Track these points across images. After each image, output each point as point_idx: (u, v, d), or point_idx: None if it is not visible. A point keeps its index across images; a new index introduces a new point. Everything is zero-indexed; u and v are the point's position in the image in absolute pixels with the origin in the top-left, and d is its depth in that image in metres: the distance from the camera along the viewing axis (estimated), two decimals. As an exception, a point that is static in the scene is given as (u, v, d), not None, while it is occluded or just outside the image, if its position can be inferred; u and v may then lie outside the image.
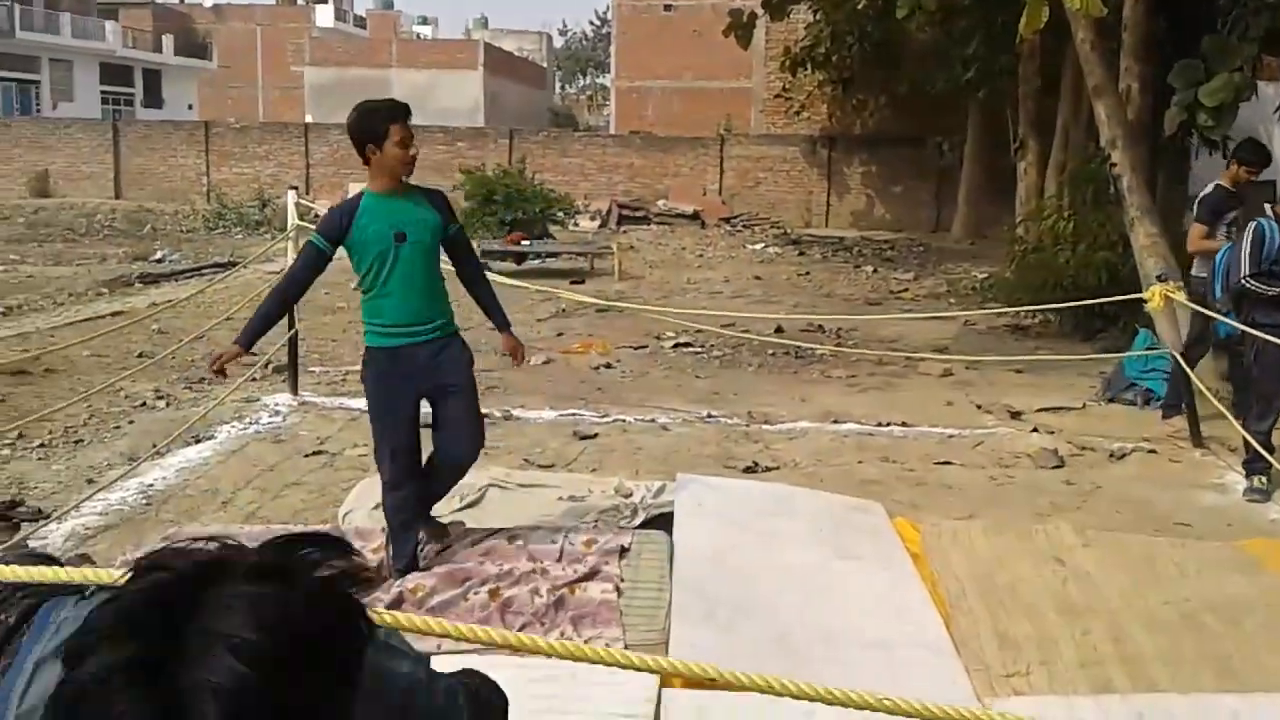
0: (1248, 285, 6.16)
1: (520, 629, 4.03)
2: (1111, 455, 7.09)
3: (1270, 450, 6.12)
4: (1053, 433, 7.63)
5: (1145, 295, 7.71)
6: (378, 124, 4.25)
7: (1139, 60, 10.83)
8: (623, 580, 4.46)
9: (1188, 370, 7.33)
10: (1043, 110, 18.37)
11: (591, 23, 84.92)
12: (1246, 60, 8.54)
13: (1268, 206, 7.26)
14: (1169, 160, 13.78)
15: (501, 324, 4.80)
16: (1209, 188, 7.97)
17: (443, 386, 4.49)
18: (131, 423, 7.31)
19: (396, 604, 4.17)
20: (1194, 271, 7.91)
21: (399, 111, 4.31)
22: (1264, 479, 6.19)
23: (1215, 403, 7.15)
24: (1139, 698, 3.73)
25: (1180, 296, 7.55)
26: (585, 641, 3.94)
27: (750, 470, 6.54)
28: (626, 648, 3.93)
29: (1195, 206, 7.93)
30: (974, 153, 24.70)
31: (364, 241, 4.29)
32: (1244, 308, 6.30)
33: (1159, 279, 7.88)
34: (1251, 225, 6.29)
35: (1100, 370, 9.41)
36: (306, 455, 6.67)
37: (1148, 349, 8.53)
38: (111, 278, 14.60)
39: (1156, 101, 10.45)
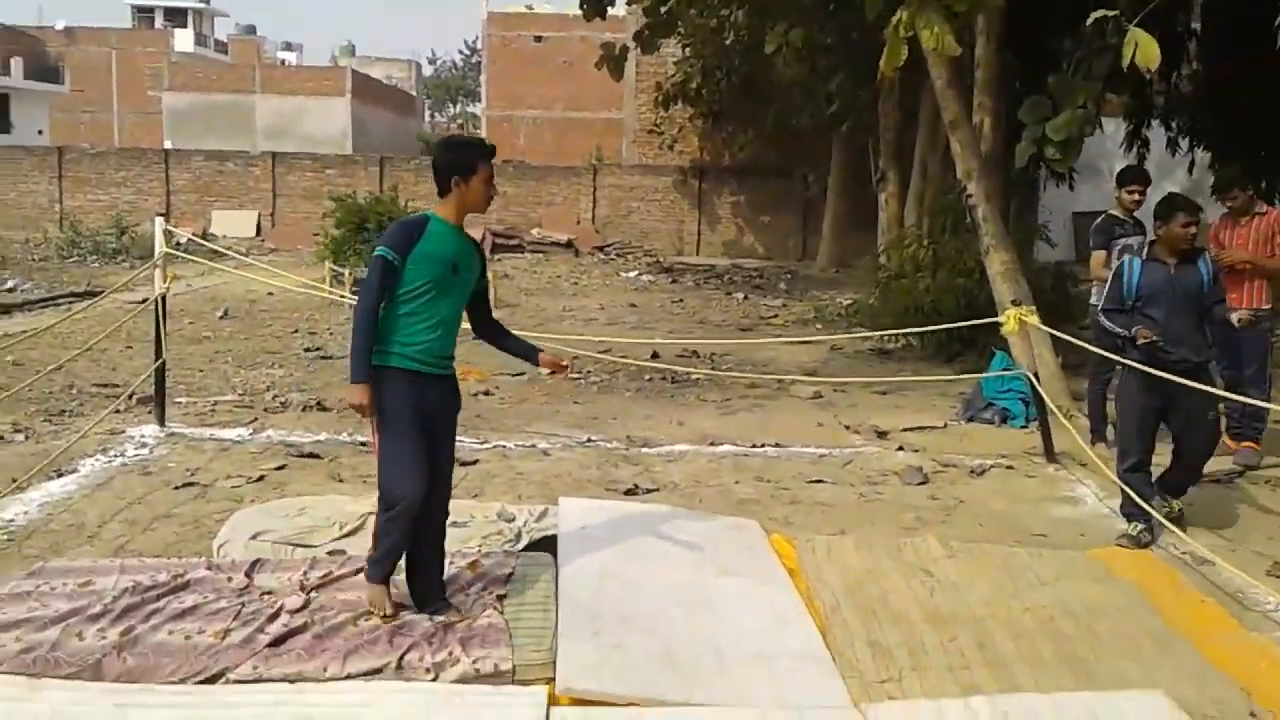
0: (1100, 320, 6.25)
1: (409, 651, 4.02)
2: (972, 471, 7.42)
3: (1148, 497, 5.91)
4: (917, 451, 7.94)
5: (1001, 319, 8.10)
6: (472, 159, 4.36)
7: (991, 96, 11.41)
8: (508, 601, 4.49)
9: (1039, 389, 7.72)
10: (902, 143, 19.10)
11: (461, 52, 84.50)
12: (1091, 97, 9.04)
13: (1143, 241, 7.62)
14: (1020, 191, 14.51)
15: (531, 351, 4.72)
16: (1101, 217, 8.18)
17: (445, 426, 4.49)
18: (-12, 457, 7.02)
19: (292, 633, 4.13)
20: (1093, 300, 7.98)
21: (490, 151, 4.44)
22: (1139, 526, 5.92)
23: (1065, 421, 7.54)
24: (1004, 698, 3.93)
25: (1033, 320, 7.95)
26: (474, 662, 3.96)
27: (631, 492, 6.64)
28: (515, 668, 3.97)
29: (1090, 235, 8.14)
30: (838, 184, 25.51)
31: (428, 260, 4.26)
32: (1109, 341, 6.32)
33: (1013, 303, 8.29)
34: (1119, 260, 6.38)
35: (960, 391, 9.82)
36: (176, 487, 6.50)
37: (1004, 370, 8.94)
38: (-41, 308, 13.94)
39: (1008, 135, 10.99)
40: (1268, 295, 7.65)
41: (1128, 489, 5.95)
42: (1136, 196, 7.90)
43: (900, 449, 7.99)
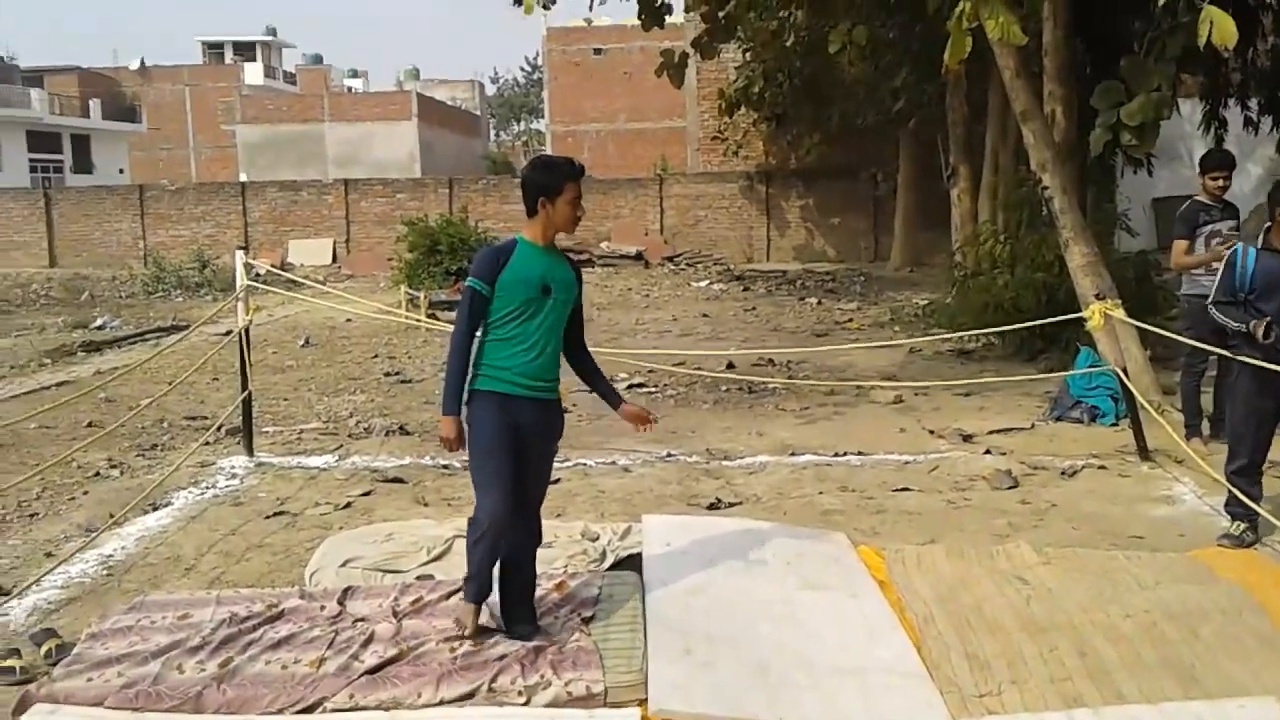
0: (1212, 314, 5.92)
1: (500, 675, 4.03)
2: (1063, 473, 7.25)
3: (1256, 497, 5.76)
4: (1005, 454, 7.78)
5: (1085, 314, 7.92)
6: (558, 179, 4.36)
7: (1061, 84, 11.17)
8: (596, 623, 4.48)
9: (1129, 385, 7.52)
10: (972, 137, 18.81)
11: (523, 69, 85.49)
12: (1165, 79, 8.81)
13: (1234, 225, 7.42)
14: (1097, 180, 14.19)
15: (613, 397, 4.71)
16: (1186, 203, 7.94)
17: (539, 453, 4.46)
18: (86, 493, 7.22)
19: (387, 662, 4.17)
20: (1183, 291, 7.86)
21: (577, 171, 4.43)
22: (1242, 525, 5.75)
23: (1158, 417, 7.34)
24: (1110, 710, 3.82)
25: (1119, 314, 7.75)
26: (565, 685, 3.96)
27: (714, 507, 6.61)
28: (606, 690, 3.96)
29: (1175, 222, 7.91)
30: (907, 182, 25.20)
31: (515, 283, 4.27)
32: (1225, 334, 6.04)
33: (1097, 297, 8.10)
34: (1230, 250, 6.03)
35: (1045, 390, 9.62)
36: (267, 517, 6.62)
37: (1090, 367, 8.74)
38: (53, 347, 14.37)
39: (1081, 123, 10.76)
40: None
41: (1234, 489, 5.75)
42: (1221, 182, 7.67)
43: (987, 452, 7.85)
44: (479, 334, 4.36)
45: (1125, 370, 7.76)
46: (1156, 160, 14.48)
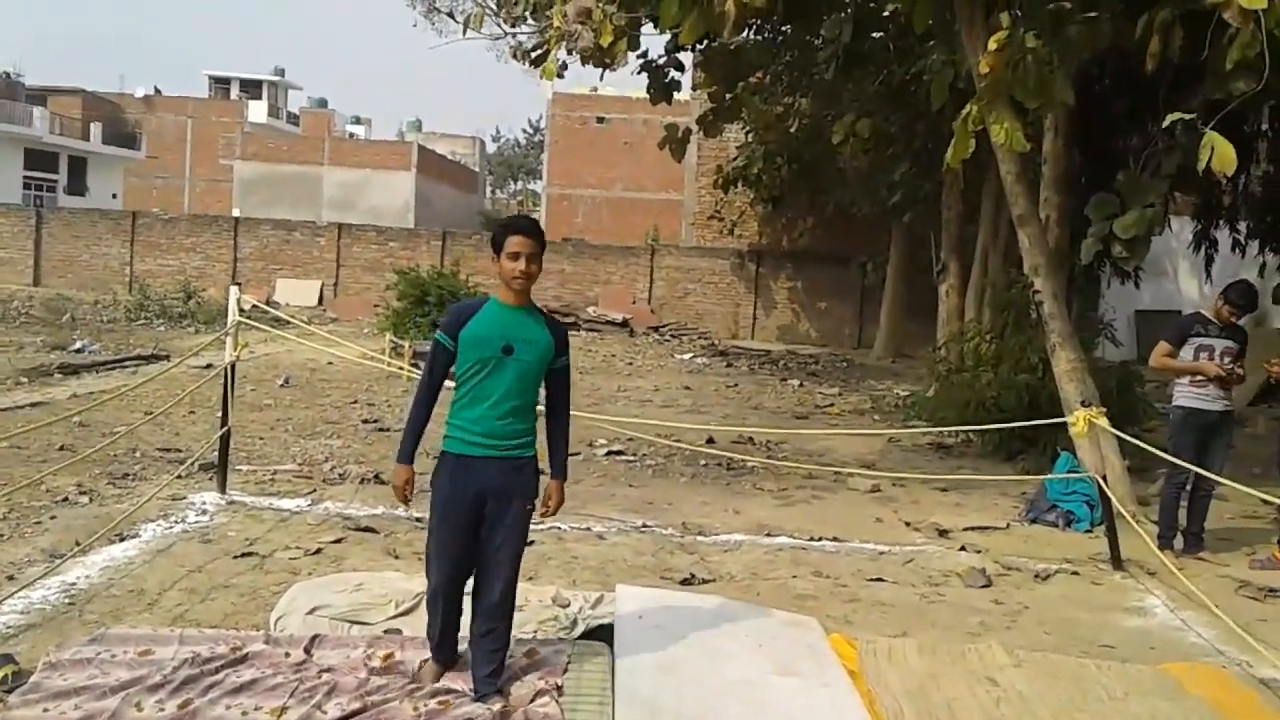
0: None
1: (467, 742, 3.97)
2: (1037, 576, 7.25)
3: None
4: (980, 551, 7.78)
5: (1069, 420, 7.98)
6: (501, 233, 4.37)
7: (1058, 192, 11.40)
8: (563, 692, 4.42)
9: (1108, 492, 7.56)
10: (964, 236, 19.08)
11: (525, 130, 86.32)
12: (1159, 196, 9.00)
13: (1230, 347, 7.62)
14: (1083, 288, 14.40)
15: (559, 469, 4.64)
16: (1189, 312, 8.20)
17: (506, 512, 4.36)
18: (54, 518, 7.09)
19: (349, 715, 4.10)
20: (1174, 402, 7.93)
21: (519, 225, 4.39)
22: None
23: (1135, 526, 7.37)
24: (1075, 820, 3.78)
25: (1103, 422, 7.81)
26: (531, 756, 3.90)
27: (687, 582, 6.56)
28: (571, 763, 3.90)
29: (1171, 328, 8.11)
30: (897, 273, 25.50)
31: (474, 340, 4.29)
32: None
33: (1082, 404, 8.17)
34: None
35: (1021, 490, 9.65)
36: (235, 556, 6.53)
37: (1069, 471, 8.78)
38: (30, 367, 14.23)
39: (1073, 232, 10.94)
40: None
41: None
42: (1236, 316, 7.81)
43: (962, 549, 7.84)
44: (454, 395, 4.38)
45: (1104, 478, 7.80)
46: (1143, 274, 14.74)
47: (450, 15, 26.36)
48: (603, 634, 5.19)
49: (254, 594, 5.86)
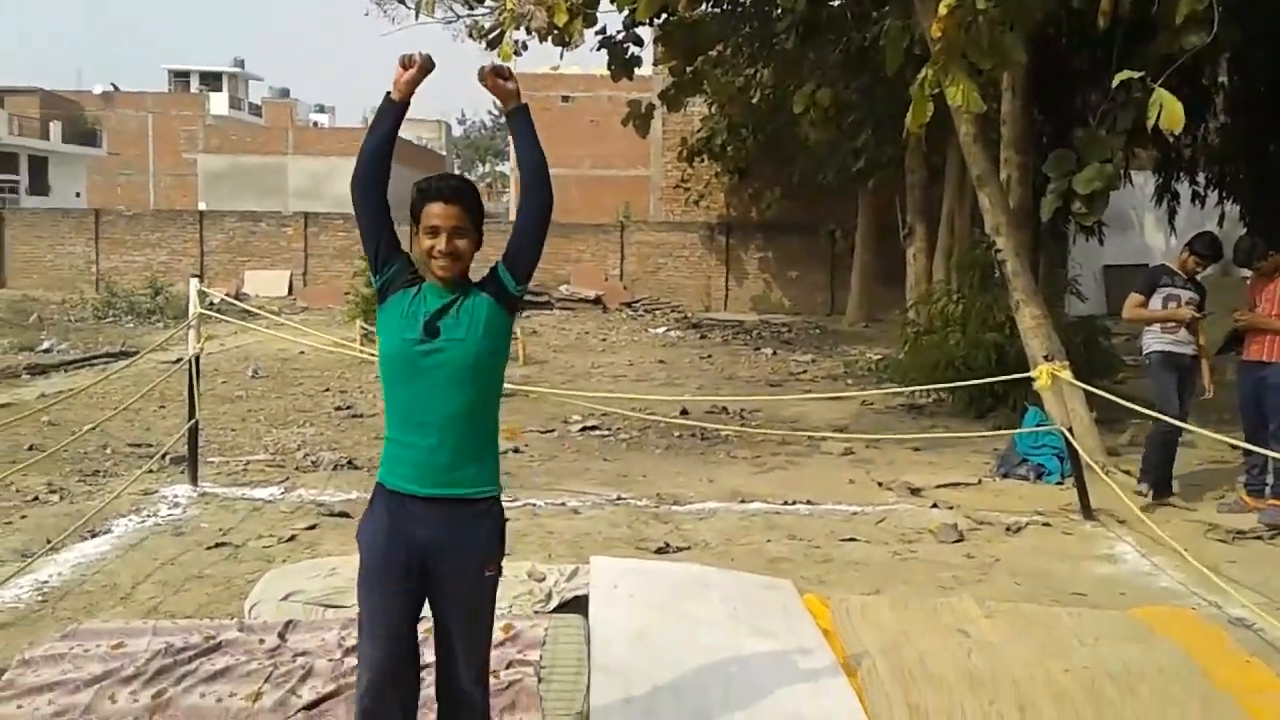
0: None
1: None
2: (1008, 529, 7.33)
3: None
4: (951, 508, 7.86)
5: (1033, 374, 8.05)
6: (417, 202, 3.26)
7: (1018, 152, 11.45)
8: (541, 665, 4.45)
9: (1076, 445, 7.64)
10: (929, 198, 19.15)
11: (490, 111, 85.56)
12: (1116, 151, 9.07)
13: (1193, 297, 7.80)
14: (1049, 245, 14.49)
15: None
16: (1154, 266, 8.41)
17: (456, 579, 3.15)
18: (24, 517, 7.06)
19: (324, 698, 4.10)
20: (1147, 349, 8.07)
21: (433, 192, 3.25)
22: None
23: (1104, 476, 7.46)
24: (1046, 764, 3.84)
25: (1066, 375, 7.89)
26: (506, 727, 3.92)
27: (662, 551, 6.60)
28: (547, 732, 3.92)
29: (1140, 280, 8.25)
30: (865, 239, 25.57)
31: (387, 320, 3.20)
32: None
33: (1045, 358, 8.24)
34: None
35: (993, 447, 9.73)
36: (208, 548, 6.52)
37: (1037, 425, 8.87)
38: (-3, 369, 14.12)
39: (1035, 190, 11.01)
40: None
41: None
42: (1202, 266, 7.97)
43: (934, 506, 7.92)
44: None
45: (1071, 430, 7.89)
46: (1108, 229, 14.86)
47: (402, 1, 26.08)
48: (578, 606, 5.22)
49: (228, 584, 5.86)
